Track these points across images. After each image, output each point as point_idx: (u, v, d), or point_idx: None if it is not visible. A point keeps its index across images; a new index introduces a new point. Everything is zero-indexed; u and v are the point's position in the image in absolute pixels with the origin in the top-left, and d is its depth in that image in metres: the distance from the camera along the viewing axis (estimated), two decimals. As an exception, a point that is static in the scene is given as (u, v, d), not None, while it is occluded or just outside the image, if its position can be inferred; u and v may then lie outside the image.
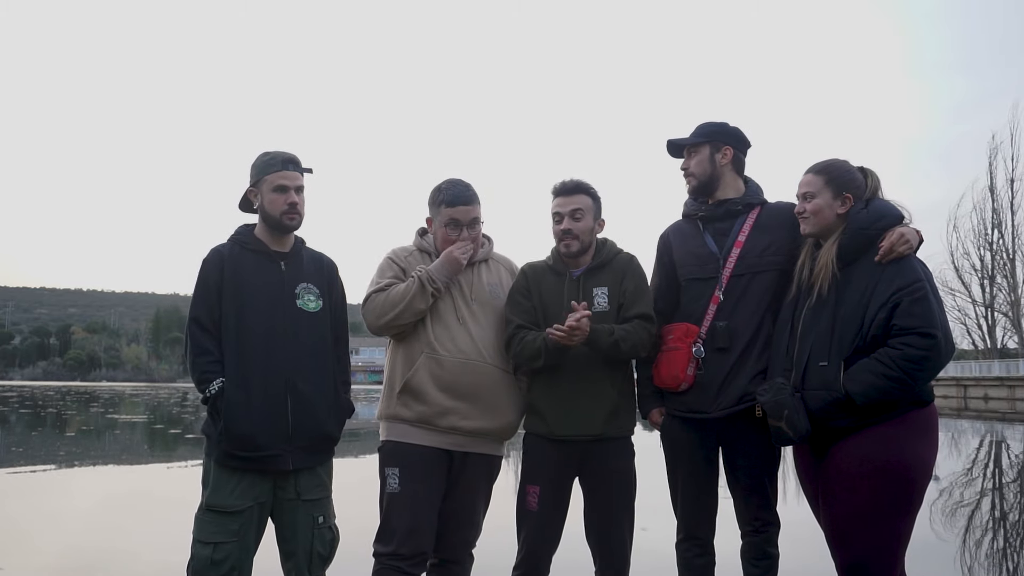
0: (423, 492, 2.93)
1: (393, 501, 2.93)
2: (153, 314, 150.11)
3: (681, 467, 3.09)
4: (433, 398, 2.94)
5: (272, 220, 2.94)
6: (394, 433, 3.01)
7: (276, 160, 2.93)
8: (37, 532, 6.05)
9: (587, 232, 3.08)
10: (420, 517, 2.91)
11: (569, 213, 3.06)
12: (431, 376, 2.95)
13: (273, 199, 2.91)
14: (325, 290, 3.01)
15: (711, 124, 3.15)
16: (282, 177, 2.91)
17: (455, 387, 2.96)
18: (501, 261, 3.26)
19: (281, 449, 2.81)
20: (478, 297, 3.08)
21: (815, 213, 2.80)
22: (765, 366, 2.94)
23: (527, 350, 2.97)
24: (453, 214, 3.04)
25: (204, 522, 2.80)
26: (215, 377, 2.80)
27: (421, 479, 2.93)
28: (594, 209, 3.11)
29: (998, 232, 49.50)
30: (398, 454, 2.97)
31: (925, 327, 2.55)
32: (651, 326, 3.02)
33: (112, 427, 19.03)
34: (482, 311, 3.07)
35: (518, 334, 3.01)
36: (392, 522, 2.92)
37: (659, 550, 3.56)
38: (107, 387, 70.43)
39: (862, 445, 2.64)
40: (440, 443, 2.97)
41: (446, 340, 2.98)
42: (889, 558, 2.63)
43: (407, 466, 2.94)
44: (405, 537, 2.88)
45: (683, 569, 3.09)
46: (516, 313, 3.06)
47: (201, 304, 2.87)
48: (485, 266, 3.18)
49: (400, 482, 2.93)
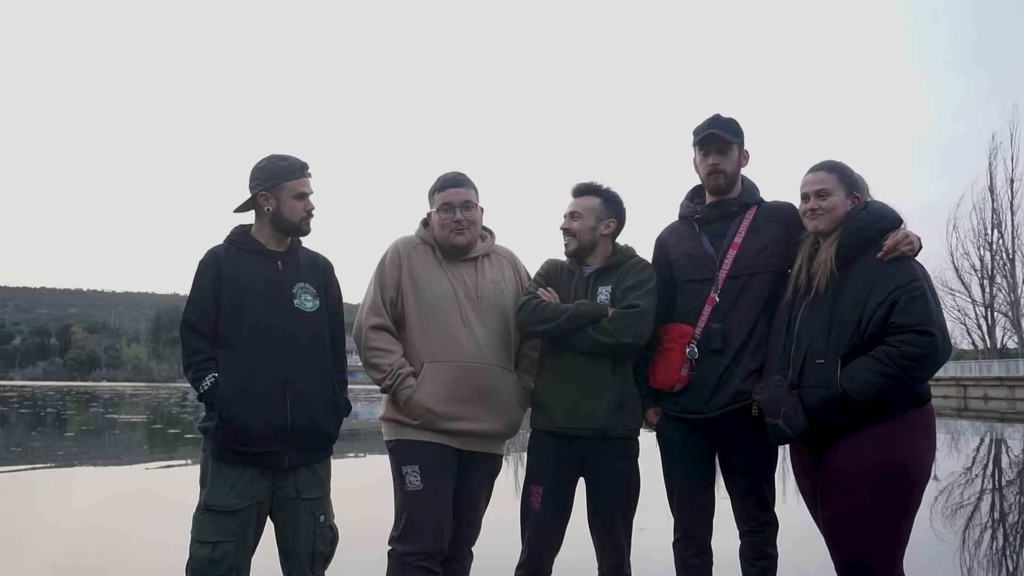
0: (444, 490, 2.95)
1: (417, 498, 2.92)
2: (153, 314, 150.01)
3: (677, 467, 3.10)
4: (440, 410, 2.96)
5: (288, 225, 2.96)
6: (404, 433, 3.01)
7: (295, 167, 2.95)
8: (36, 532, 6.05)
9: (584, 232, 3.13)
10: (444, 514, 2.94)
11: (569, 214, 3.17)
12: (436, 386, 2.96)
13: (293, 206, 2.94)
14: (322, 290, 3.02)
15: (735, 122, 3.12)
16: (303, 184, 2.96)
17: (461, 392, 2.97)
18: (503, 254, 3.28)
19: (279, 447, 2.82)
20: (483, 295, 3.10)
21: (830, 210, 2.80)
22: (759, 365, 2.94)
23: (547, 310, 3.03)
24: (444, 197, 3.09)
25: (202, 522, 2.80)
26: (208, 374, 2.81)
27: (441, 476, 2.95)
28: (599, 210, 3.15)
29: (998, 232, 49.57)
30: (414, 452, 2.97)
31: (923, 325, 2.56)
32: (632, 312, 3.00)
33: (112, 427, 19.03)
34: (488, 310, 3.09)
35: (535, 299, 3.08)
36: (417, 520, 2.91)
37: (657, 550, 3.56)
38: (107, 387, 70.41)
39: (860, 445, 2.64)
40: (451, 442, 2.99)
41: (452, 344, 3.00)
42: (888, 558, 2.63)
43: (427, 462, 2.95)
44: (432, 535, 2.89)
45: (680, 569, 3.09)
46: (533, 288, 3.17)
47: (195, 307, 2.88)
48: (488, 261, 3.19)
49: (422, 479, 2.93)
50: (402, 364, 3.00)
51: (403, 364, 3.00)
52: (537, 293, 3.12)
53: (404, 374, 2.98)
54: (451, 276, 3.08)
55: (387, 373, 2.98)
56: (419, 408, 2.95)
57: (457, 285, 3.07)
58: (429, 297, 3.04)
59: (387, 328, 3.05)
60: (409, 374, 2.98)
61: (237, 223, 3.06)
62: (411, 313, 3.05)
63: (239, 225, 3.05)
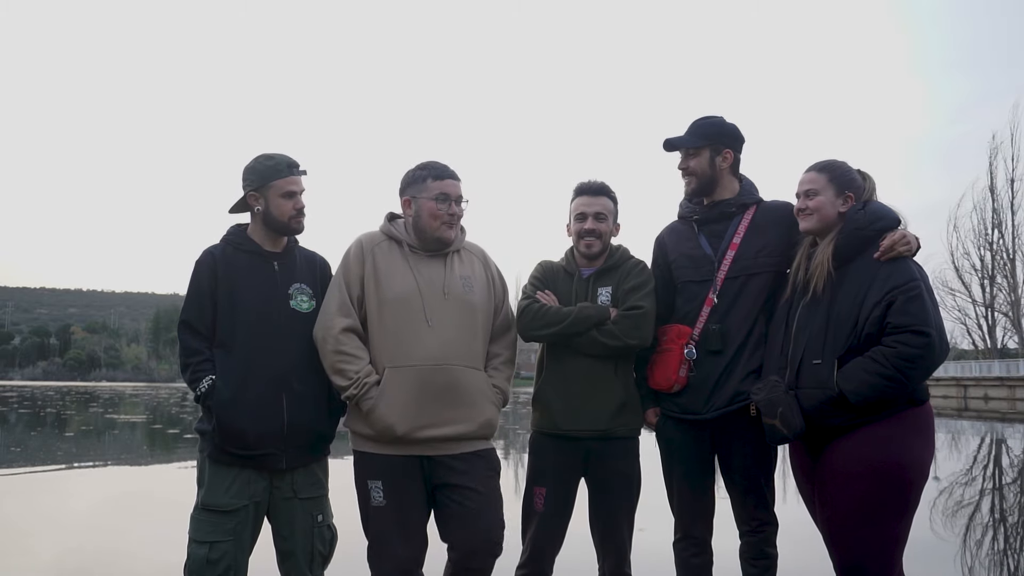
0: (409, 504, 2.82)
1: (380, 515, 2.82)
2: (153, 314, 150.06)
3: (676, 467, 3.10)
4: (402, 427, 2.79)
5: (279, 224, 2.95)
6: (368, 445, 2.87)
7: (282, 165, 2.94)
8: (35, 533, 6.04)
9: (608, 234, 3.15)
10: (412, 527, 2.81)
11: (594, 214, 3.12)
12: (397, 394, 2.79)
13: (281, 204, 2.92)
14: (318, 289, 3.01)
15: (710, 124, 3.10)
16: (291, 183, 2.93)
17: (424, 396, 2.80)
18: (473, 250, 3.09)
19: (275, 448, 2.82)
20: (451, 292, 2.91)
21: (818, 210, 2.80)
22: (758, 365, 2.94)
23: (549, 314, 3.02)
24: (443, 187, 2.91)
25: (200, 522, 2.80)
26: (205, 375, 2.81)
27: (406, 491, 2.82)
28: (614, 212, 3.17)
29: (998, 232, 49.57)
30: (376, 465, 2.85)
31: (919, 325, 2.55)
32: (636, 313, 3.00)
33: (111, 427, 19.03)
34: (456, 308, 2.90)
35: (535, 303, 3.07)
36: (382, 538, 2.81)
37: (657, 550, 3.56)
38: (107, 387, 70.43)
39: (858, 445, 2.64)
40: (419, 451, 2.84)
41: (414, 346, 2.82)
42: (887, 558, 2.62)
43: (390, 477, 2.82)
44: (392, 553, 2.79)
45: (680, 569, 3.09)
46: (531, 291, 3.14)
47: (192, 307, 2.88)
48: (457, 256, 3.02)
49: (385, 495, 2.81)
50: (368, 372, 2.82)
51: (369, 372, 2.82)
52: (536, 297, 3.10)
53: (369, 383, 2.80)
54: (417, 273, 2.90)
55: (353, 381, 2.80)
56: (380, 423, 2.79)
57: (423, 283, 2.88)
58: (392, 297, 2.86)
59: (356, 331, 2.86)
60: (373, 383, 2.81)
61: (234, 223, 3.06)
62: (373, 314, 2.87)
63: (235, 225, 3.05)
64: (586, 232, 3.12)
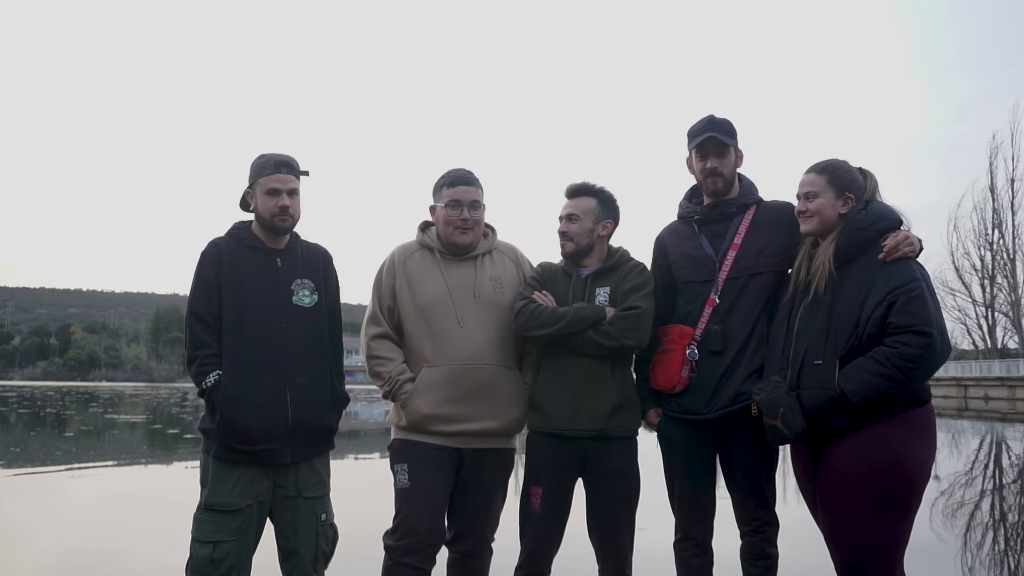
0: (431, 486, 2.99)
1: (404, 495, 2.99)
2: (153, 314, 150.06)
3: (677, 468, 3.10)
4: (433, 415, 3.00)
5: (264, 222, 2.97)
6: (401, 434, 3.10)
7: (269, 163, 2.96)
8: (36, 533, 6.05)
9: (582, 234, 3.11)
10: (429, 510, 2.97)
11: (566, 216, 3.14)
12: (431, 390, 3.00)
13: (265, 202, 2.94)
14: (320, 282, 3.03)
15: (729, 123, 3.10)
16: (274, 180, 2.94)
17: (457, 393, 3.00)
18: (505, 250, 3.26)
19: (280, 443, 2.83)
20: (482, 295, 3.09)
21: (817, 212, 2.80)
22: (759, 366, 2.94)
23: (544, 314, 3.01)
24: (454, 194, 3.09)
25: (203, 521, 2.80)
26: (212, 370, 2.82)
27: (429, 474, 2.99)
28: (596, 211, 3.12)
29: (998, 232, 49.57)
30: (405, 451, 3.04)
31: (921, 325, 2.56)
32: (633, 313, 2.99)
33: (111, 427, 19.03)
34: (487, 309, 3.08)
35: (531, 303, 3.06)
36: (403, 515, 2.97)
37: (657, 550, 3.56)
38: (107, 387, 70.45)
39: (859, 445, 2.64)
40: (447, 442, 3.02)
41: (447, 347, 3.02)
42: (888, 558, 2.63)
43: (415, 461, 3.00)
44: (418, 529, 2.93)
45: (681, 569, 3.09)
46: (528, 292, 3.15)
47: (201, 297, 2.90)
48: (489, 258, 3.19)
49: (409, 477, 2.99)
50: (401, 371, 3.06)
51: (402, 371, 3.06)
52: (533, 297, 3.10)
53: (402, 380, 3.04)
54: (448, 278, 3.09)
55: (386, 380, 3.06)
56: (414, 414, 3.01)
57: (453, 287, 3.07)
58: (425, 302, 3.06)
59: (387, 336, 3.11)
60: (407, 380, 3.04)
61: (238, 218, 3.07)
62: (408, 319, 3.09)
63: (240, 220, 3.07)
64: (560, 234, 3.15)
